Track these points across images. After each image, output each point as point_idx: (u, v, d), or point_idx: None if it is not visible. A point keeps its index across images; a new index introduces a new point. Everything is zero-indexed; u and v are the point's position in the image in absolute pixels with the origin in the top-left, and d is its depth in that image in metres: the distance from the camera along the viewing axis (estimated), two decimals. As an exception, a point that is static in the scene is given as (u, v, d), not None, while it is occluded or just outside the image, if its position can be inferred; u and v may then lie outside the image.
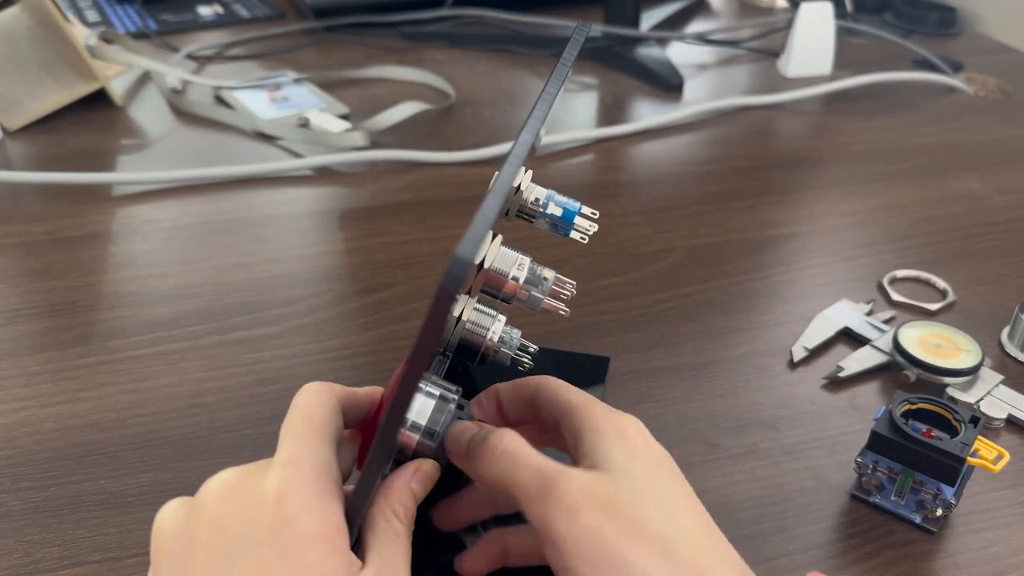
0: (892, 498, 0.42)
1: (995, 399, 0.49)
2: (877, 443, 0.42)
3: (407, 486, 0.31)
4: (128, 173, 0.70)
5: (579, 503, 0.28)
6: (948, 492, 0.41)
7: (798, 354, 0.53)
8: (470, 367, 0.36)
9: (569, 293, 0.35)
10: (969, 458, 0.40)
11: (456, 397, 0.32)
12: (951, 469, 0.40)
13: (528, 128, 0.30)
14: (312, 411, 0.30)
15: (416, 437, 0.31)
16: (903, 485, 0.42)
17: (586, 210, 0.35)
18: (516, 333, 0.35)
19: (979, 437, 0.41)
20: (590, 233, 0.35)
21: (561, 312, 0.35)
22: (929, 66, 0.95)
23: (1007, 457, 0.41)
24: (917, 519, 0.42)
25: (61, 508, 0.42)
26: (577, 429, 0.32)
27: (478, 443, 0.31)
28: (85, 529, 0.41)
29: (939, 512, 0.41)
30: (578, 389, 0.34)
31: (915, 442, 0.41)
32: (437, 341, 0.24)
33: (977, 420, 0.42)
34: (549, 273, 0.35)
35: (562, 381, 0.34)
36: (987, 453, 0.41)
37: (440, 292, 0.22)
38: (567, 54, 0.34)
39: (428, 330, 0.23)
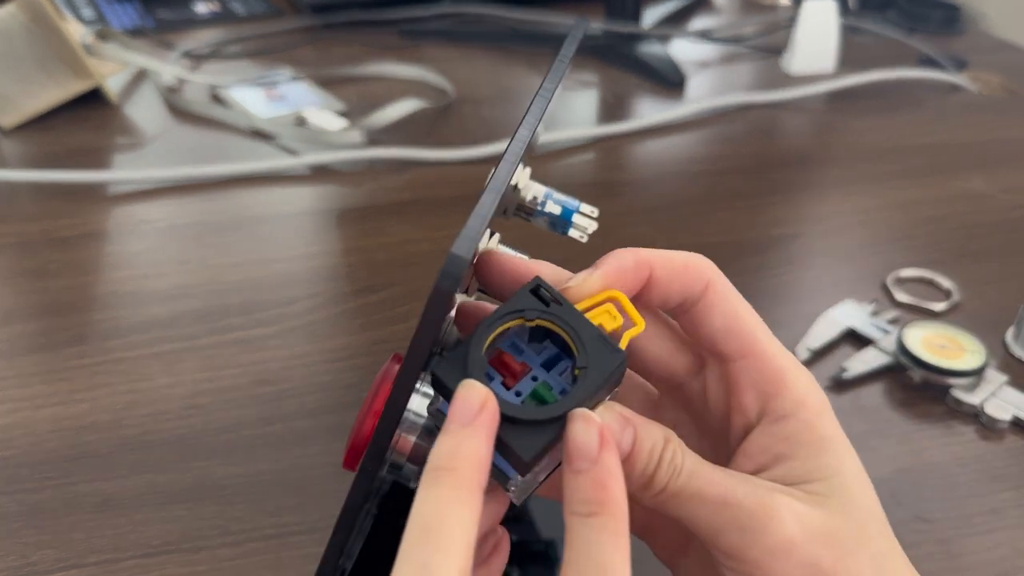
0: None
1: (1000, 400, 0.49)
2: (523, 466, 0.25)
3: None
4: (124, 172, 0.70)
5: (795, 541, 0.24)
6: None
7: (802, 355, 0.52)
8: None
9: None
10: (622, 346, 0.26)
11: None
12: (616, 375, 0.26)
13: (525, 125, 0.29)
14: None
15: (412, 439, 0.31)
16: None
17: (585, 208, 0.35)
18: None
19: (584, 312, 0.26)
20: (589, 231, 0.34)
21: None
22: (933, 64, 0.94)
23: (623, 297, 0.26)
24: None
25: (57, 510, 0.41)
26: (764, 401, 0.26)
27: (661, 476, 0.25)
28: (81, 531, 0.40)
29: None
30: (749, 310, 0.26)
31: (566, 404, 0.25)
32: (433, 341, 0.24)
33: (539, 290, 0.26)
34: None
35: (739, 297, 0.27)
36: (608, 320, 0.26)
37: (436, 291, 0.21)
38: (565, 50, 0.34)
39: (423, 330, 0.23)
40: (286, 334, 0.53)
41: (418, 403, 0.31)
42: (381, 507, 0.35)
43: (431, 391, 0.31)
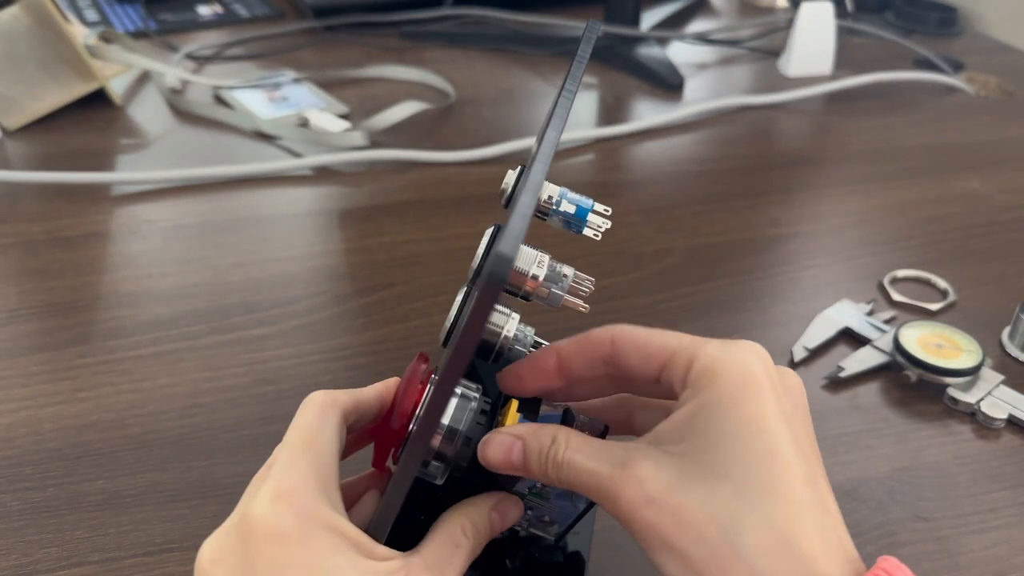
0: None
1: (996, 399, 0.49)
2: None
3: (486, 510, 0.31)
4: (127, 173, 0.70)
5: (646, 501, 0.27)
6: None
7: (799, 354, 0.53)
8: (476, 364, 0.36)
9: (588, 289, 0.34)
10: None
11: (477, 396, 0.32)
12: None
13: (553, 125, 0.30)
14: (311, 435, 0.30)
15: (439, 437, 0.31)
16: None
17: (599, 207, 0.35)
18: (530, 331, 0.35)
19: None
20: (603, 230, 0.34)
21: (580, 309, 0.34)
22: (930, 66, 0.94)
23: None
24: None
25: (60, 508, 0.42)
26: (679, 378, 0.29)
27: (552, 461, 0.30)
28: (84, 529, 0.41)
29: None
30: (666, 331, 0.31)
31: None
32: (478, 342, 0.24)
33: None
34: (568, 270, 0.34)
35: (639, 327, 0.31)
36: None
37: (486, 289, 0.21)
38: (582, 52, 0.34)
39: (470, 330, 0.23)
40: (288, 333, 0.53)
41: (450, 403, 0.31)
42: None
43: (458, 389, 0.32)
